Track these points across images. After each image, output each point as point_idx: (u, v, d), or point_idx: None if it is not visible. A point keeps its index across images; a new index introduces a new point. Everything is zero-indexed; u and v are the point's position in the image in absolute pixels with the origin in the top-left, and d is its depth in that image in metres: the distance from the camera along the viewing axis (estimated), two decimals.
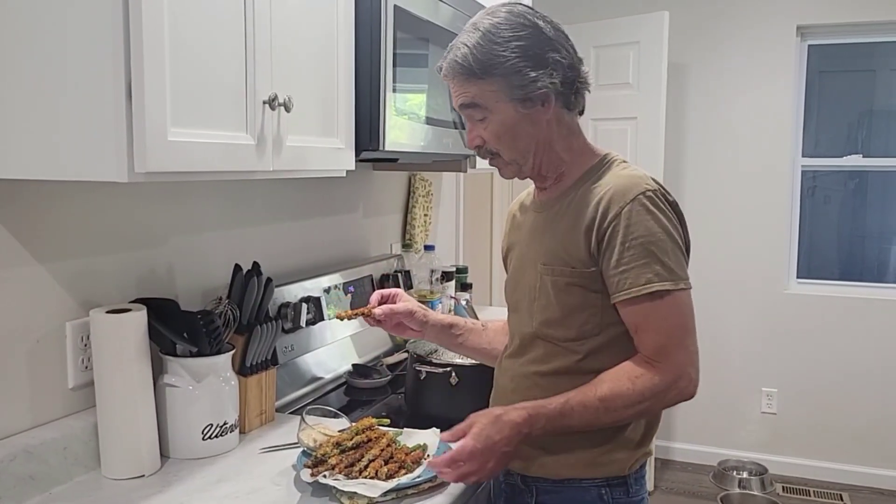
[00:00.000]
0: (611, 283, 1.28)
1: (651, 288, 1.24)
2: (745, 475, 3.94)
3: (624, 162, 1.38)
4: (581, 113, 1.40)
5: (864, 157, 4.09)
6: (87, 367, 1.46)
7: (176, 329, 1.50)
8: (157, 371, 1.51)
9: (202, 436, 1.52)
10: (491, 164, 1.41)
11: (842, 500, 3.82)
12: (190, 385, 1.51)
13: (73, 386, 1.46)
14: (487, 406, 1.43)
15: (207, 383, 1.52)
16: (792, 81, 3.95)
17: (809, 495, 3.87)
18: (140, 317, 1.42)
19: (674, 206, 1.31)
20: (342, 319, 1.53)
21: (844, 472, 3.98)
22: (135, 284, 1.58)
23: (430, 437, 1.53)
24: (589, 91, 1.37)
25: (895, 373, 3.90)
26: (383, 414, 1.90)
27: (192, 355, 1.51)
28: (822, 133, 4.08)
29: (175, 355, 1.51)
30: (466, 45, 1.29)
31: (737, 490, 3.81)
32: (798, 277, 4.13)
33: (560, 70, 1.30)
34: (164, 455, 1.49)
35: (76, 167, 1.13)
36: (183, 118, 1.17)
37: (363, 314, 1.54)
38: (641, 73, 3.72)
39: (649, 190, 1.28)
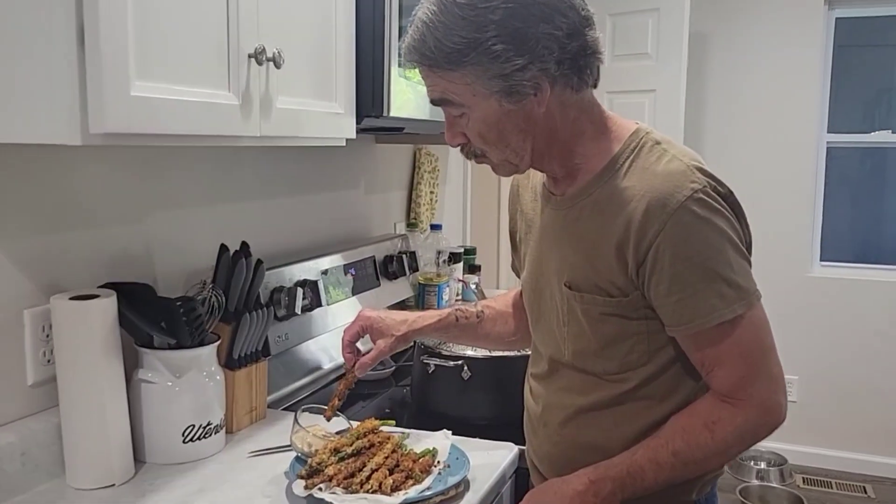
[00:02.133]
0: (664, 312, 1.04)
1: (719, 318, 1.01)
2: (763, 466, 3.78)
3: (657, 144, 1.08)
4: (594, 86, 1.09)
5: (893, 132, 3.89)
6: (48, 362, 1.28)
7: (152, 318, 1.32)
8: (132, 365, 1.33)
9: (183, 438, 1.34)
10: (479, 163, 1.13)
11: (865, 492, 3.67)
12: (169, 381, 1.33)
13: (33, 383, 1.28)
14: (501, 403, 1.24)
15: (189, 379, 1.35)
16: (819, 54, 3.75)
17: (831, 487, 3.71)
18: (109, 304, 1.24)
19: (728, 199, 1.04)
20: (330, 417, 1.34)
21: (868, 462, 3.83)
22: (106, 266, 1.40)
23: (440, 441, 1.35)
24: (601, 62, 1.06)
25: None
26: (387, 410, 1.73)
27: (171, 347, 1.33)
28: (839, 109, 3.87)
29: (152, 347, 1.34)
30: (425, 24, 0.99)
31: (755, 482, 3.65)
32: (821, 260, 3.95)
33: (554, 47, 0.98)
34: (139, 460, 1.32)
35: (20, 128, 0.95)
36: (150, 70, 0.98)
37: (347, 387, 1.35)
38: (661, 42, 3.52)
39: (697, 190, 1.00)
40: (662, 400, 1.11)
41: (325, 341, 1.95)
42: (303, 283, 1.79)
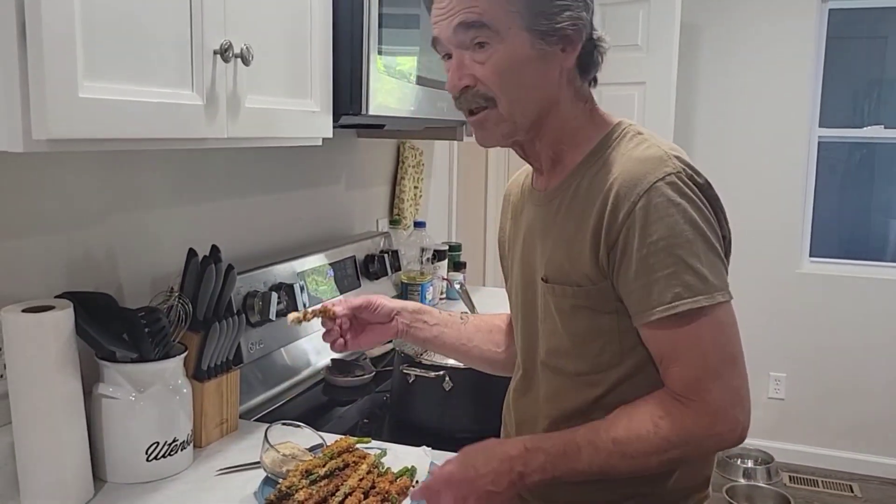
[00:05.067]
0: (630, 302, 1.00)
1: (681, 307, 0.95)
2: (750, 464, 3.74)
3: (639, 134, 1.06)
4: (594, 83, 1.10)
5: (885, 128, 3.84)
6: (0, 377, 1.20)
7: (113, 330, 1.24)
8: (93, 379, 1.25)
9: (146, 456, 1.27)
10: (473, 121, 1.07)
11: (851, 491, 3.64)
12: (131, 395, 1.25)
13: None
14: (483, 415, 1.19)
15: (153, 393, 1.27)
16: (812, 46, 3.69)
17: (818, 486, 3.68)
18: (64, 316, 1.16)
19: (705, 190, 1.00)
20: (300, 322, 1.25)
21: (854, 461, 3.80)
22: (63, 274, 1.31)
23: (419, 459, 1.29)
24: (602, 58, 1.08)
25: None
26: (365, 421, 1.66)
27: (133, 361, 1.25)
28: (828, 101, 3.81)
29: (114, 360, 1.26)
30: None
31: (742, 481, 3.62)
32: (810, 256, 3.90)
33: (589, 11, 1.03)
34: (100, 479, 1.25)
35: None
36: (101, 69, 0.90)
37: (321, 313, 1.26)
38: (651, 33, 3.44)
39: (670, 173, 0.98)
40: None
41: (302, 347, 1.87)
42: (278, 287, 1.71)
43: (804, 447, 3.87)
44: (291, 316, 1.23)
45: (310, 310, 1.25)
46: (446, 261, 2.58)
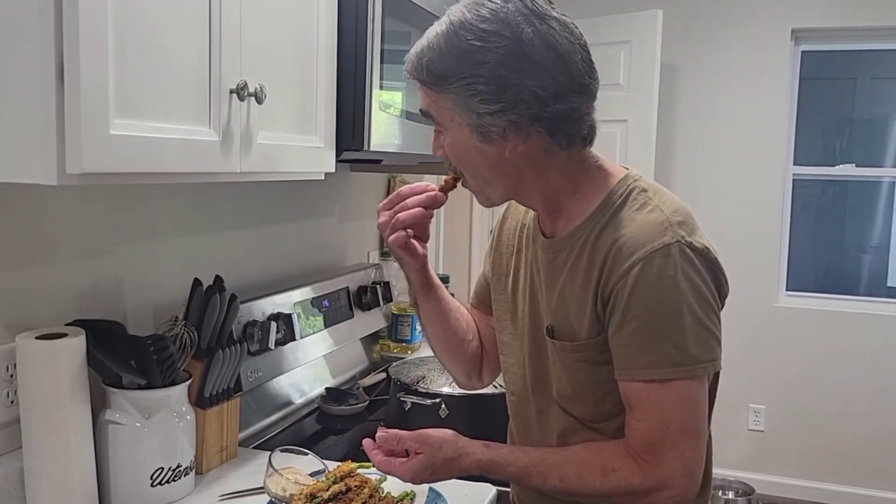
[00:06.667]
0: (613, 355, 1.04)
1: (650, 375, 0.99)
2: (731, 495, 3.77)
3: (644, 191, 1.07)
4: (585, 145, 1.07)
5: (857, 166, 3.97)
6: (12, 403, 1.23)
7: (121, 357, 1.27)
8: (99, 405, 1.28)
9: (151, 481, 1.29)
10: (457, 182, 1.12)
11: None
12: (137, 422, 1.28)
13: None
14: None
15: (158, 420, 1.30)
16: (785, 87, 3.81)
17: None
18: (77, 343, 1.20)
19: (702, 256, 1.02)
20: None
21: (834, 492, 3.85)
22: (74, 303, 1.35)
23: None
24: (587, 127, 1.05)
25: (888, 390, 3.77)
26: (361, 449, 1.69)
27: (140, 387, 1.28)
28: (801, 140, 3.94)
29: (120, 387, 1.29)
30: (428, 40, 1.01)
31: None
32: (787, 290, 3.99)
33: (533, 104, 0.97)
34: (105, 503, 1.27)
35: None
36: (130, 107, 0.95)
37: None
38: (633, 73, 3.54)
39: (667, 244, 0.99)
40: None
41: (297, 375, 1.91)
42: (276, 317, 1.75)
43: (784, 479, 3.91)
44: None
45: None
46: None
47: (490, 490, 1.41)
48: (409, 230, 1.15)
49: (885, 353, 3.76)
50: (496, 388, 1.51)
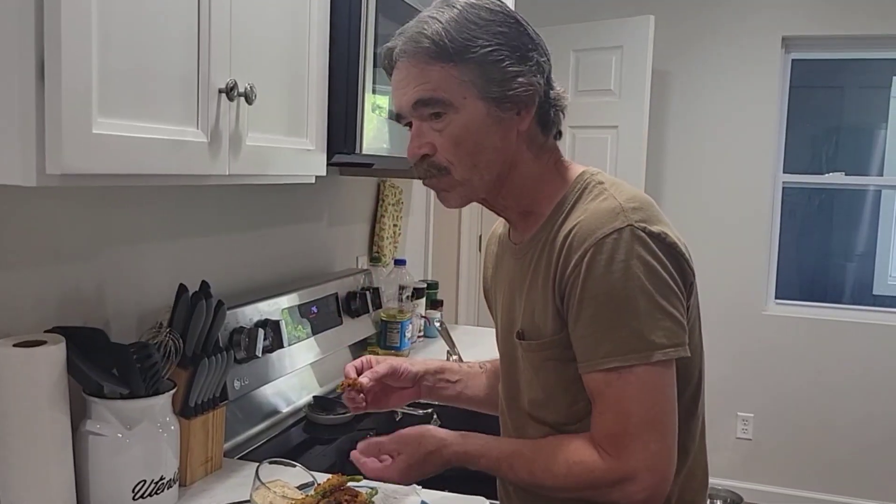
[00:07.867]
0: (575, 351, 1.02)
1: (609, 363, 0.97)
2: None
3: (600, 184, 1.08)
4: (558, 136, 1.13)
5: (846, 174, 3.98)
6: None
7: (103, 365, 1.23)
8: (79, 415, 1.23)
9: (133, 495, 1.25)
10: (428, 185, 1.10)
11: None
12: (119, 433, 1.23)
13: None
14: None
15: (141, 430, 1.25)
16: (775, 95, 3.81)
17: None
18: (56, 351, 1.15)
19: (660, 241, 1.00)
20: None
21: (821, 501, 3.85)
22: (53, 308, 1.30)
23: (410, 498, 1.28)
24: (563, 114, 1.12)
25: (876, 399, 3.78)
26: (350, 450, 1.65)
27: (122, 397, 1.24)
28: (789, 147, 3.94)
29: (102, 396, 1.24)
30: (438, 20, 1.02)
31: None
32: (776, 298, 3.99)
33: (543, 74, 1.06)
34: None
35: None
36: (114, 106, 0.91)
37: (349, 387, 1.28)
38: (624, 79, 3.54)
39: (619, 228, 0.98)
40: None
41: (284, 384, 1.86)
42: (264, 324, 1.71)
43: (773, 487, 3.90)
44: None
45: (338, 385, 1.27)
46: (424, 298, 2.59)
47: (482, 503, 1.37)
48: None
49: (872, 362, 3.77)
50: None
